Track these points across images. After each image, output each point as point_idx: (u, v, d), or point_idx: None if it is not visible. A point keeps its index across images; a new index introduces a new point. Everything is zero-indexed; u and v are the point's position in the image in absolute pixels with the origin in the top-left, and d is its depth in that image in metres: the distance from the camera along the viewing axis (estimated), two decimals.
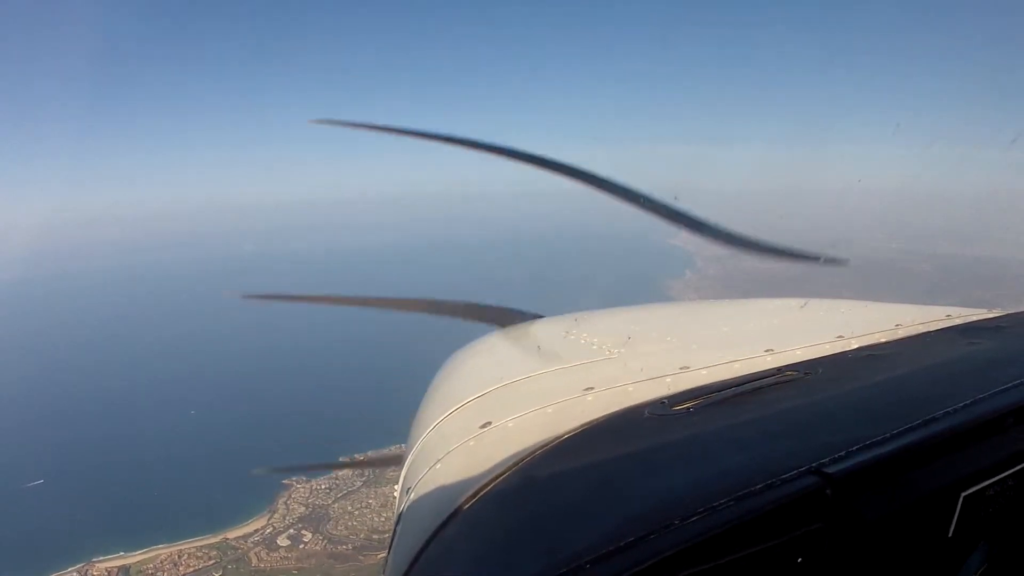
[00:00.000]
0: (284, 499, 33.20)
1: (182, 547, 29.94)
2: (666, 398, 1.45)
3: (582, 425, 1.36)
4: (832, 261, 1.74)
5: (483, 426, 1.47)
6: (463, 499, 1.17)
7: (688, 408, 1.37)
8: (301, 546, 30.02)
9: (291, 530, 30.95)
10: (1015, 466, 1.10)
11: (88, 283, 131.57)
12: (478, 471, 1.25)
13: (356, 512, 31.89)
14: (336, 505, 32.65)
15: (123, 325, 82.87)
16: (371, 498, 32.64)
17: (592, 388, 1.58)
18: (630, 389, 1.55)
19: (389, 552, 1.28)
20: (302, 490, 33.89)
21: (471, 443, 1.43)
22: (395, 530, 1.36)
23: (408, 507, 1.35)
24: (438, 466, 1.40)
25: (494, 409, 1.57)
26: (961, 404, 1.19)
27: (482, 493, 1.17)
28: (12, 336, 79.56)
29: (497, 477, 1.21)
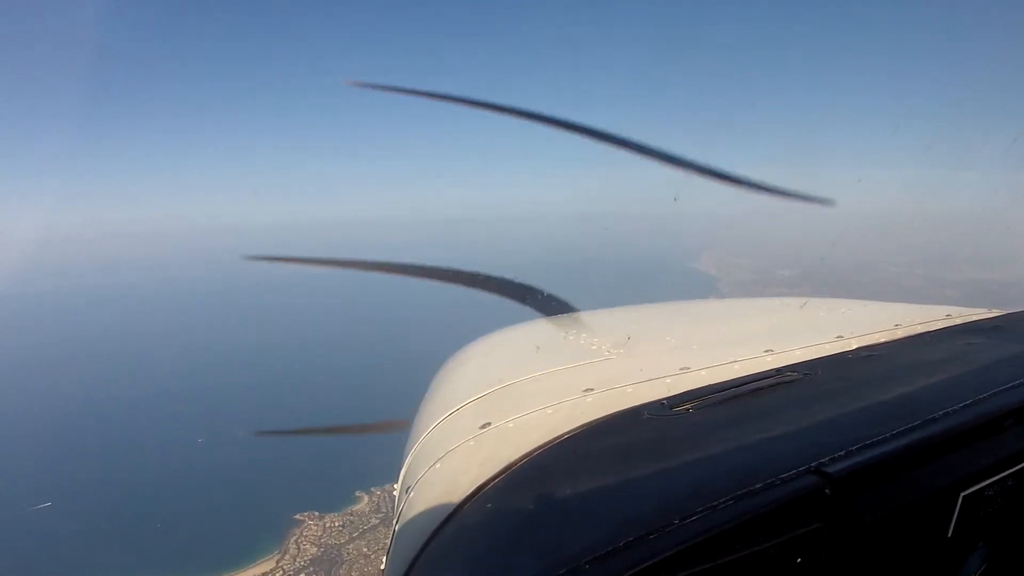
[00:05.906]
0: (295, 537, 32.13)
1: None
2: (666, 399, 1.45)
3: (582, 426, 1.37)
4: (817, 200, 1.64)
5: (483, 427, 1.48)
6: (462, 499, 1.17)
7: (687, 409, 1.38)
8: None
9: (302, 575, 29.90)
10: (1014, 466, 1.09)
11: (90, 298, 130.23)
12: (478, 471, 1.25)
13: (372, 555, 30.49)
14: (351, 546, 31.40)
15: (126, 340, 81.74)
16: (388, 538, 31.32)
17: (592, 389, 1.58)
18: (629, 390, 1.56)
19: (388, 553, 1.29)
20: (314, 527, 32.79)
21: (471, 443, 1.43)
22: (394, 530, 1.37)
23: (407, 507, 1.36)
24: (438, 466, 1.41)
25: (494, 409, 1.58)
26: (961, 404, 1.19)
27: (482, 493, 1.18)
28: (11, 349, 78.74)
29: (497, 477, 1.22)
